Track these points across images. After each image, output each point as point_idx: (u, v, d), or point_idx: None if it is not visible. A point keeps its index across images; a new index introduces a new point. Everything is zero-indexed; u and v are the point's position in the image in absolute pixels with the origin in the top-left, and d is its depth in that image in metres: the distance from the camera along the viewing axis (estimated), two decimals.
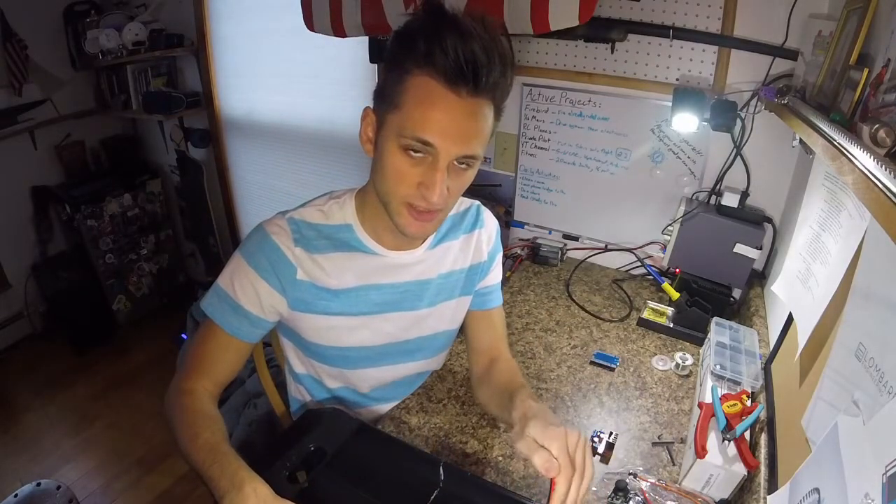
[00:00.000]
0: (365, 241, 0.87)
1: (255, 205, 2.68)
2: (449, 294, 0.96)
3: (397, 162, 0.72)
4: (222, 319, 0.81)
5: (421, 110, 0.69)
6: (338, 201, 0.88)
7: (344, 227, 0.86)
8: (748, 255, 1.28)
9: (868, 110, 0.62)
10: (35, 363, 2.61)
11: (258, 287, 0.81)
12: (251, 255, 0.82)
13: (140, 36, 2.30)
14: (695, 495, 0.82)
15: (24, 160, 2.53)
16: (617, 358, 1.19)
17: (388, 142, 0.72)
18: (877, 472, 0.46)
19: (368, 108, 0.78)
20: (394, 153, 0.72)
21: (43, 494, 1.43)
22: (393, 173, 0.73)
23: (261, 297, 0.81)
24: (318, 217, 0.86)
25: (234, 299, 0.81)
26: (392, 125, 0.71)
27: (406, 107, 0.69)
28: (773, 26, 1.19)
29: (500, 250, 1.03)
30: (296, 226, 0.83)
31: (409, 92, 0.69)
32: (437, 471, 0.72)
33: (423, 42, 0.67)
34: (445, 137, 0.69)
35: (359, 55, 1.85)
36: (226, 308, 0.81)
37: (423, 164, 0.72)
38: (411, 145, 0.70)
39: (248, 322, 0.82)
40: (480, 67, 0.66)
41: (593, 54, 1.45)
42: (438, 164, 0.71)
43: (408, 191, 0.74)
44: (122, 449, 2.12)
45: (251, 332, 0.84)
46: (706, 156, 1.40)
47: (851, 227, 0.75)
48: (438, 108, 0.68)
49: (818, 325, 0.80)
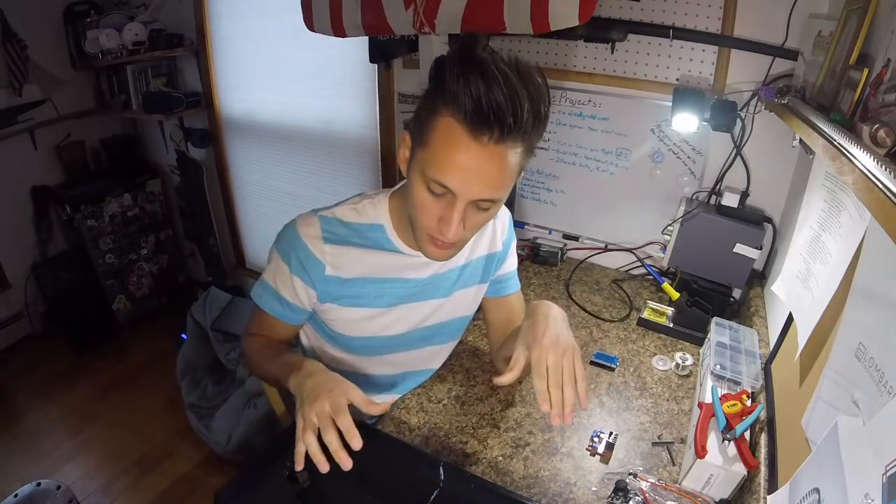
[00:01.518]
0: (395, 241, 0.90)
1: (255, 205, 2.68)
2: (466, 283, 1.00)
3: (422, 195, 0.75)
4: (270, 307, 0.91)
5: (444, 154, 0.70)
6: (372, 200, 0.90)
7: (376, 227, 0.89)
8: (748, 255, 1.28)
9: (868, 110, 0.62)
10: (35, 363, 2.61)
11: (294, 282, 0.88)
12: (284, 253, 0.88)
13: (140, 36, 2.30)
14: (695, 495, 0.82)
15: (24, 160, 2.53)
16: (617, 358, 1.19)
17: (415, 174, 0.75)
18: (877, 472, 0.46)
19: (406, 133, 0.78)
20: (419, 187, 0.75)
21: (43, 494, 1.43)
22: (418, 205, 0.76)
23: (297, 290, 0.89)
24: (352, 215, 0.89)
25: (275, 290, 0.90)
26: (419, 161, 0.73)
27: (431, 147, 0.71)
28: (773, 26, 1.19)
29: (513, 238, 1.07)
30: (327, 223, 0.87)
31: (436, 132, 0.70)
32: (437, 471, 0.72)
33: (451, 80, 0.67)
34: (464, 182, 0.70)
35: (359, 55, 1.85)
36: (270, 297, 0.91)
37: (444, 200, 0.74)
38: (432, 186, 0.72)
39: (290, 310, 0.91)
40: (504, 115, 0.65)
41: (593, 54, 1.45)
42: (456, 206, 0.72)
43: (430, 223, 0.77)
44: (122, 449, 2.12)
45: (294, 318, 0.93)
46: (706, 156, 1.40)
47: (851, 227, 0.75)
48: (460, 153, 0.68)
49: (818, 325, 0.80)
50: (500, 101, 0.65)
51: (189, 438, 2.13)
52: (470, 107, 0.65)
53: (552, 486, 0.88)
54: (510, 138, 0.68)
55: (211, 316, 2.30)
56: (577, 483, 0.89)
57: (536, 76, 0.69)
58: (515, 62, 0.68)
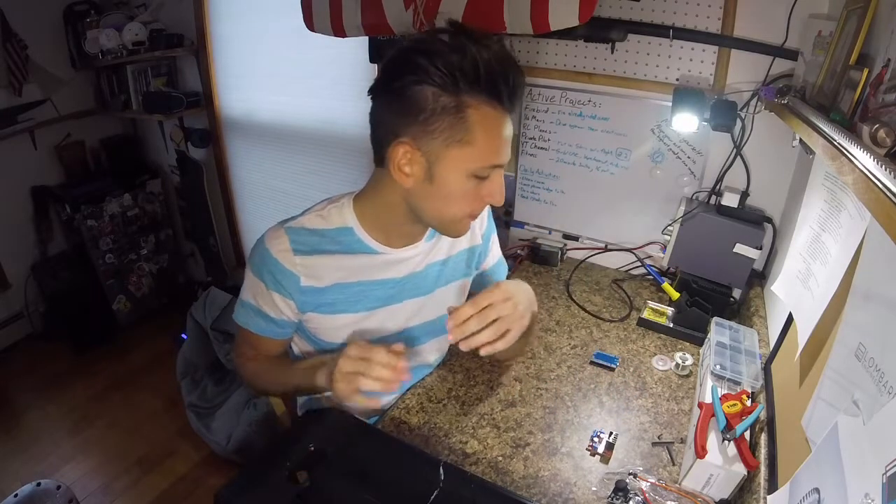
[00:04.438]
0: (366, 240, 0.89)
1: (255, 205, 2.68)
2: (448, 279, 1.01)
3: (466, 187, 0.78)
4: (256, 327, 0.91)
5: (493, 141, 0.75)
6: (336, 205, 0.90)
7: (344, 230, 0.89)
8: (748, 255, 1.28)
9: (868, 110, 0.62)
10: (35, 363, 2.61)
11: (273, 297, 0.88)
12: (258, 270, 0.88)
13: (140, 36, 2.30)
14: (695, 495, 0.83)
15: (24, 160, 2.53)
16: (617, 358, 1.19)
17: (454, 173, 0.76)
18: (877, 472, 0.46)
19: (406, 145, 0.75)
20: (463, 182, 0.77)
21: (43, 494, 1.43)
22: (461, 197, 0.79)
23: (278, 305, 0.88)
24: (318, 222, 0.88)
25: (258, 308, 0.89)
26: (460, 159, 0.75)
27: (478, 142, 0.74)
28: (773, 26, 1.19)
29: (493, 230, 1.08)
30: (295, 234, 0.86)
31: (476, 126, 0.73)
32: (437, 471, 0.72)
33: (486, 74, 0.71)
34: (508, 154, 0.78)
35: (359, 55, 1.85)
36: (255, 316, 0.90)
37: (486, 179, 0.79)
38: (486, 172, 0.77)
39: (276, 325, 0.91)
40: (520, 83, 0.75)
41: (593, 54, 1.45)
42: (502, 175, 0.80)
43: (475, 205, 0.81)
44: (122, 449, 2.12)
45: (282, 332, 0.93)
46: (706, 156, 1.40)
47: (851, 227, 0.75)
48: (504, 132, 0.76)
49: (818, 325, 0.80)
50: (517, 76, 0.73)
51: (189, 438, 2.13)
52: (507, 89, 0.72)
53: (552, 486, 0.88)
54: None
55: (211, 316, 2.30)
56: (577, 483, 0.89)
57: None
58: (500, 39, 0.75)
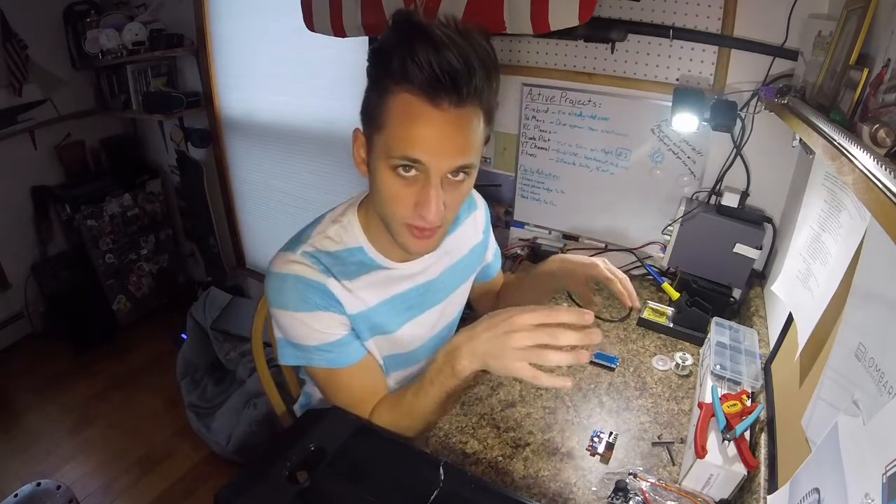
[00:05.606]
0: (377, 259, 0.86)
1: (255, 205, 2.68)
2: (460, 279, 1.02)
3: (390, 183, 0.71)
4: (329, 363, 0.81)
5: (405, 128, 0.67)
6: (341, 224, 0.85)
7: (356, 250, 0.85)
8: (748, 255, 1.28)
9: (868, 110, 0.62)
10: (35, 363, 2.61)
11: (324, 320, 0.79)
12: (297, 303, 0.78)
13: (140, 36, 2.30)
14: (695, 495, 0.83)
15: (24, 160, 2.54)
16: (617, 358, 1.19)
17: (379, 162, 0.71)
18: (877, 472, 0.46)
19: (358, 130, 0.76)
20: (385, 174, 0.71)
21: (43, 494, 1.43)
22: (388, 196, 0.72)
23: (335, 325, 0.81)
24: (331, 245, 0.83)
25: (320, 343, 0.80)
26: (379, 146, 0.70)
27: (390, 126, 0.68)
28: (773, 26, 1.19)
29: (489, 224, 1.10)
30: (315, 259, 0.80)
31: (391, 111, 0.67)
32: (437, 471, 0.72)
33: (397, 58, 0.64)
34: (433, 153, 0.67)
35: (359, 55, 1.85)
36: (320, 353, 0.80)
37: (417, 183, 0.70)
38: (400, 164, 0.69)
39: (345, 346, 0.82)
40: (459, 77, 0.64)
41: (593, 54, 1.45)
42: (431, 181, 0.69)
43: (405, 212, 0.73)
44: (122, 449, 2.12)
45: (359, 351, 0.84)
46: (706, 156, 1.40)
47: (851, 227, 0.75)
48: (422, 123, 0.66)
49: (818, 325, 0.80)
50: (453, 63, 0.63)
51: (189, 438, 2.13)
52: (423, 75, 0.63)
53: (552, 486, 0.88)
54: (468, 100, 0.66)
55: (211, 316, 2.30)
56: (577, 483, 0.89)
57: (479, 36, 0.66)
58: (455, 23, 0.65)
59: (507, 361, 0.64)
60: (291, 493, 0.65)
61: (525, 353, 0.63)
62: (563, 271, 0.98)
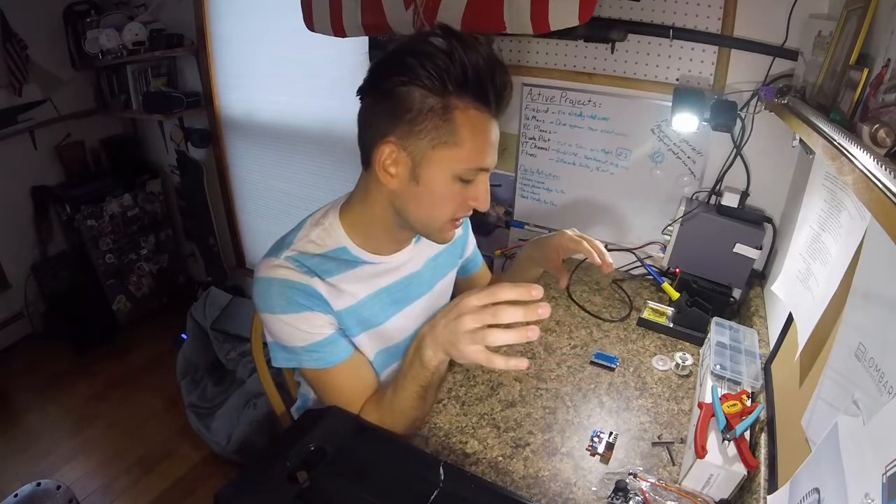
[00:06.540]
0: (361, 255, 0.89)
1: (255, 205, 2.68)
2: (442, 273, 1.05)
3: (451, 189, 0.78)
4: (318, 363, 0.83)
5: (479, 144, 0.75)
6: (323, 227, 0.87)
7: (339, 251, 0.87)
8: (748, 255, 1.28)
9: (868, 110, 0.62)
10: (35, 363, 2.61)
11: (311, 321, 0.82)
12: (283, 306, 0.80)
13: (140, 36, 2.30)
14: (695, 495, 0.83)
15: (24, 160, 2.53)
16: (617, 358, 1.19)
17: (439, 175, 0.76)
18: (877, 472, 0.46)
19: (392, 145, 0.75)
20: (448, 184, 0.77)
21: (43, 494, 1.43)
22: (443, 199, 0.79)
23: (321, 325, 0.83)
24: (313, 248, 0.85)
25: (308, 344, 0.82)
26: (445, 160, 0.75)
27: (464, 143, 0.74)
28: (773, 26, 1.19)
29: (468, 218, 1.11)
30: (298, 262, 0.83)
31: (463, 128, 0.73)
32: (437, 471, 0.72)
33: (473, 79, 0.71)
34: (494, 158, 0.79)
35: (359, 55, 1.85)
36: (308, 354, 0.83)
37: (471, 182, 0.79)
38: (471, 175, 0.77)
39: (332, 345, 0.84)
40: (507, 92, 0.76)
41: (593, 54, 1.45)
42: (487, 179, 0.81)
43: (459, 209, 0.81)
44: (122, 449, 2.12)
45: (347, 348, 0.86)
46: (706, 156, 1.40)
47: (851, 227, 0.75)
48: (490, 136, 0.77)
49: (818, 325, 0.80)
50: (507, 81, 0.74)
51: (189, 438, 2.13)
52: (494, 93, 0.73)
53: (552, 486, 0.88)
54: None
55: (211, 316, 2.30)
56: (577, 483, 0.89)
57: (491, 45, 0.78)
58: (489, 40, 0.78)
59: (461, 346, 0.65)
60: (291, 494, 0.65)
61: (473, 335, 0.63)
62: (537, 252, 1.05)
